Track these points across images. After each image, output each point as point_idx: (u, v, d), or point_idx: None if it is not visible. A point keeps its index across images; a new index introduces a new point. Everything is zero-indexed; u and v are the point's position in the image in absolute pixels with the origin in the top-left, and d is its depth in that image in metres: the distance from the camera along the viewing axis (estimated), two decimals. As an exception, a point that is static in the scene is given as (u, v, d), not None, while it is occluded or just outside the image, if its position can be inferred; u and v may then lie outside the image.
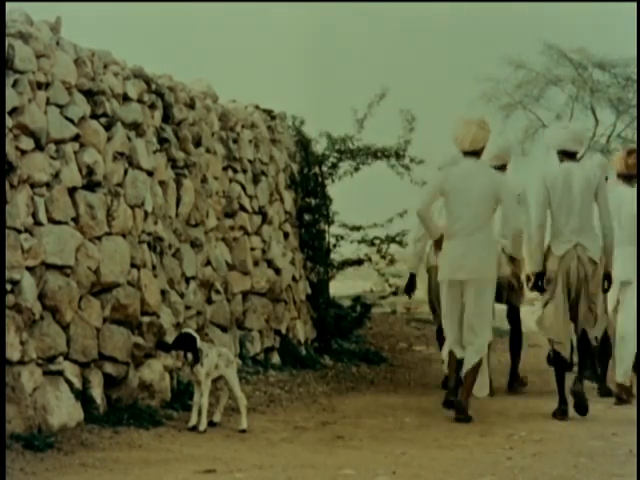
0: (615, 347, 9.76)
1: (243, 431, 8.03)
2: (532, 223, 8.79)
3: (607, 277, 8.77)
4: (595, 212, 8.83)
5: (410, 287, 10.41)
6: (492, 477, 6.69)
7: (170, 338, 8.77)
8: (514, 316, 10.79)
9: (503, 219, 8.95)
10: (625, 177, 9.69)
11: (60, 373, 7.50)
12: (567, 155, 8.98)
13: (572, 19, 34.78)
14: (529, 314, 13.18)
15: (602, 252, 8.73)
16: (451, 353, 8.90)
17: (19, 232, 7.17)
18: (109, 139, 8.37)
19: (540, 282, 8.73)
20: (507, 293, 10.47)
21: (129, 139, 8.65)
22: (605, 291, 8.93)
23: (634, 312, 9.52)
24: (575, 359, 9.89)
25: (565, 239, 8.66)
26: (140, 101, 8.89)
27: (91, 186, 8.08)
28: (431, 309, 10.74)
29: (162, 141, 9.29)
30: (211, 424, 8.11)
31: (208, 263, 10.01)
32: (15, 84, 7.30)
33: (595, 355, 10.01)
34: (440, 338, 10.03)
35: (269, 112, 12.09)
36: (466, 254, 8.67)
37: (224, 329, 10.23)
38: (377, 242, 13.58)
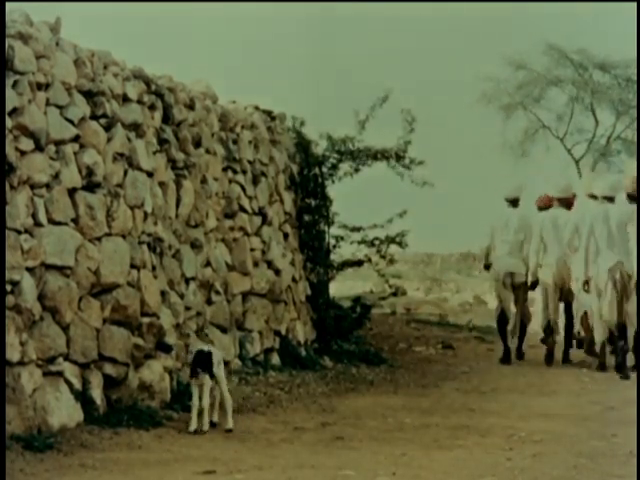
0: None
1: (229, 430, 8.03)
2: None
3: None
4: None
5: (488, 267, 13.61)
6: (492, 478, 6.69)
7: (170, 339, 8.79)
8: None
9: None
10: (633, 198, 12.09)
11: (60, 374, 7.50)
12: (606, 198, 12.03)
13: (573, 20, 34.80)
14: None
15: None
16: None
17: (19, 233, 7.17)
18: (109, 140, 8.37)
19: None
20: None
21: (129, 140, 8.64)
22: None
23: None
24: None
25: (606, 258, 11.84)
26: (140, 102, 8.89)
27: (91, 187, 8.08)
28: (498, 299, 13.43)
29: (162, 142, 9.29)
30: (211, 424, 8.12)
31: (208, 264, 10.01)
32: (15, 85, 7.30)
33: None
34: (501, 322, 13.12)
35: (269, 113, 12.08)
36: None
37: (224, 330, 10.22)
38: (377, 243, 13.58)
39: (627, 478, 6.78)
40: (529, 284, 13.04)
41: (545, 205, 13.40)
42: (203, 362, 8.11)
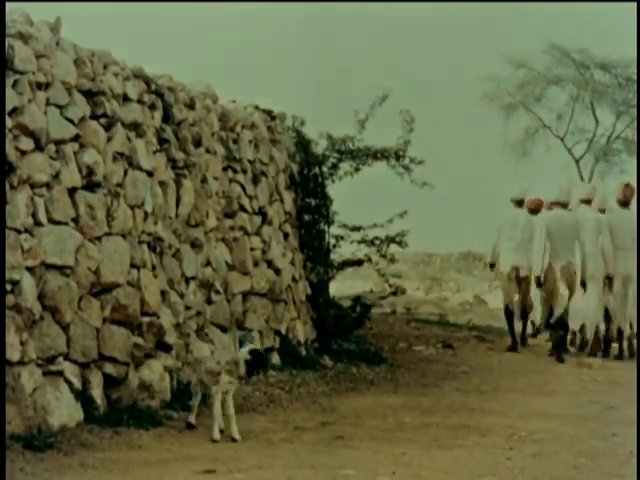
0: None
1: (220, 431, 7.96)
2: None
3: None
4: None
5: (492, 266, 14.98)
6: (492, 477, 6.69)
7: (170, 338, 8.79)
8: None
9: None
10: (623, 204, 13.71)
11: (60, 373, 7.50)
12: (558, 204, 13.49)
13: (573, 20, 34.79)
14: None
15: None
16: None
17: (19, 232, 7.17)
18: (109, 139, 8.37)
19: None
20: None
21: (129, 139, 8.65)
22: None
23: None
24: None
25: (558, 257, 13.27)
26: (140, 101, 8.89)
27: (91, 186, 8.08)
28: (503, 292, 14.84)
29: (162, 141, 9.29)
30: (190, 427, 8.06)
31: (208, 263, 10.01)
32: (15, 84, 7.30)
33: None
34: (507, 315, 14.50)
35: (269, 112, 12.08)
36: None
37: (224, 329, 10.22)
38: (377, 242, 13.58)
39: (627, 478, 6.78)
40: (535, 281, 13.79)
41: (536, 207, 14.56)
42: (259, 362, 7.96)
